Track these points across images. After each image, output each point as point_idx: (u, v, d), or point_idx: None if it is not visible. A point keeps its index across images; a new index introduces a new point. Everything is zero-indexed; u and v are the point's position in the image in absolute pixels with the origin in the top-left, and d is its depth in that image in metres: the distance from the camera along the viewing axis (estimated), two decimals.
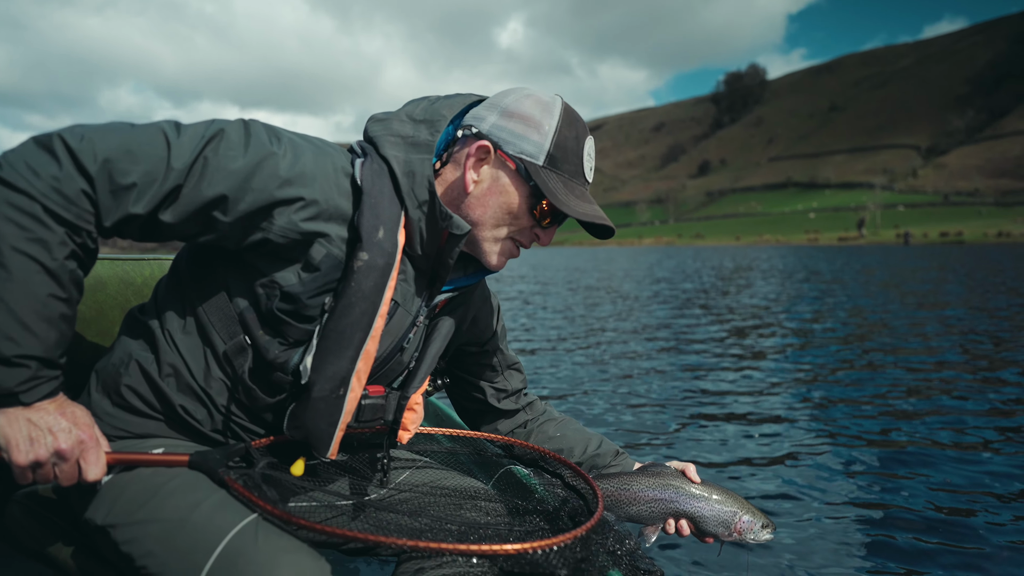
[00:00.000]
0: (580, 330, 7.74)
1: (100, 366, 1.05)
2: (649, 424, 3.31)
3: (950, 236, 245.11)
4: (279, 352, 0.99)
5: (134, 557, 0.87)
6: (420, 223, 1.03)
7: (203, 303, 1.00)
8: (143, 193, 0.86)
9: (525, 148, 1.06)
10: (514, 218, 1.08)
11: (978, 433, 3.30)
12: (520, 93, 1.09)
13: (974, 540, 2.02)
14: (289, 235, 0.93)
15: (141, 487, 0.91)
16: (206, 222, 0.92)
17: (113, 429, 1.01)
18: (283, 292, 0.96)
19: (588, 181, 1.11)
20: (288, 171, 0.93)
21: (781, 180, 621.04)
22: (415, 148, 1.03)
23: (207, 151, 0.89)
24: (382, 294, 0.98)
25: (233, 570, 0.82)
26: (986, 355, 5.79)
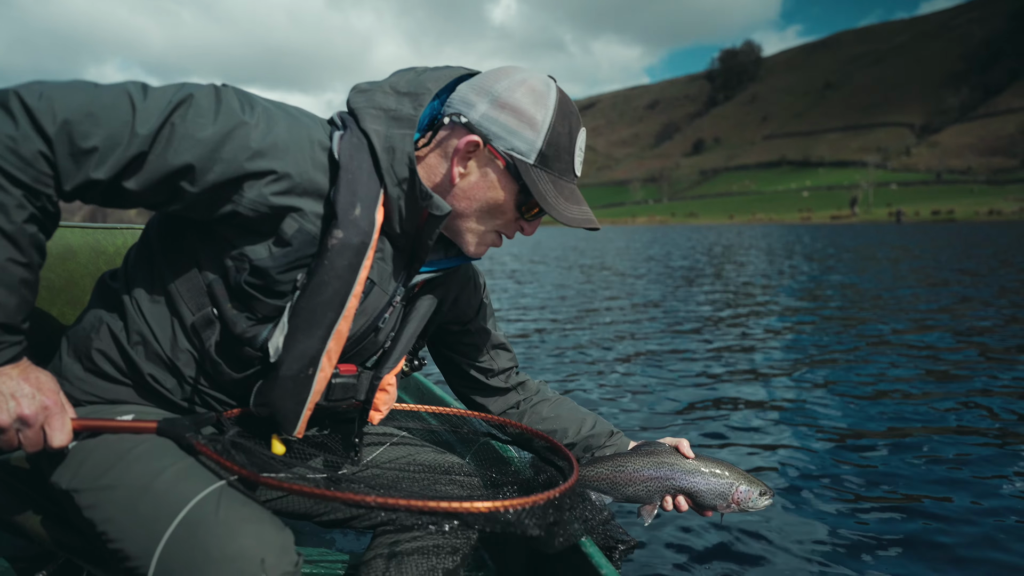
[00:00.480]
0: (573, 308, 7.88)
1: (71, 331, 1.05)
2: (642, 402, 3.32)
3: (941, 214, 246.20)
4: (247, 327, 0.97)
5: (95, 523, 0.87)
6: (400, 201, 1.00)
7: (172, 273, 0.98)
8: (105, 158, 0.82)
9: (516, 145, 1.02)
10: (500, 213, 1.06)
11: (975, 412, 3.29)
12: (513, 79, 1.04)
13: (969, 521, 2.01)
14: (259, 208, 0.90)
15: (106, 452, 0.91)
16: (172, 191, 0.89)
17: (83, 394, 1.01)
18: (252, 266, 0.93)
19: (578, 175, 1.09)
20: (260, 142, 0.89)
21: (775, 158, 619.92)
22: (397, 123, 0.99)
23: (174, 117, 0.85)
24: (356, 273, 0.96)
25: (193, 539, 0.81)
26: (979, 333, 5.87)
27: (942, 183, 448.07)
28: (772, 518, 1.96)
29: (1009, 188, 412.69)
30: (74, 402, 0.98)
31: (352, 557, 1.30)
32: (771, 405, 3.17)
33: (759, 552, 1.71)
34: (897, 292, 9.18)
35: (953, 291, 8.88)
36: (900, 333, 5.66)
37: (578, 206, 1.07)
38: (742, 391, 3.65)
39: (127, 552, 0.83)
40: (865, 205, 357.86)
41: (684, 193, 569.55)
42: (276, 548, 0.83)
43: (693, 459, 1.36)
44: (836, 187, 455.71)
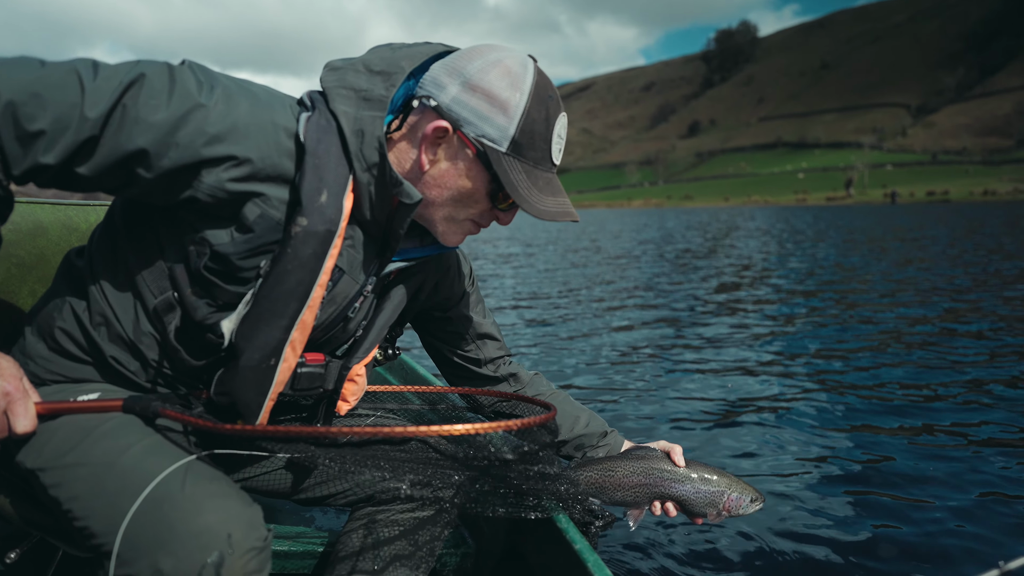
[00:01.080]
0: (567, 293, 8.00)
1: (36, 308, 1.02)
2: (638, 390, 3.28)
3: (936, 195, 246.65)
4: (208, 313, 0.93)
5: (61, 501, 0.86)
6: (370, 187, 0.95)
7: (135, 254, 0.95)
8: (53, 142, 0.78)
9: (487, 132, 0.96)
10: (473, 202, 1.01)
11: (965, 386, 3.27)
12: (487, 59, 0.97)
13: (958, 492, 1.99)
14: (217, 195, 0.86)
15: (71, 430, 0.89)
16: (126, 176, 0.85)
17: (48, 373, 0.99)
18: (213, 251, 0.89)
19: (556, 164, 1.02)
20: (217, 126, 0.84)
21: (771, 140, 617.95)
22: (367, 104, 0.94)
23: (126, 99, 0.80)
24: (322, 263, 0.92)
25: (158, 514, 0.80)
26: (967, 309, 5.89)
27: (937, 164, 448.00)
28: (767, 508, 1.90)
29: (1004, 168, 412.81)
30: (39, 381, 0.97)
31: (330, 534, 1.30)
32: (770, 393, 3.13)
33: (751, 541, 1.67)
34: (889, 274, 9.37)
35: (945, 273, 9.06)
36: (908, 320, 5.54)
37: (554, 197, 1.00)
38: (740, 378, 3.58)
39: (92, 529, 0.82)
40: (860, 186, 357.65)
41: (680, 176, 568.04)
42: (243, 523, 0.82)
43: (684, 467, 1.34)
44: (832, 168, 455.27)
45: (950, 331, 4.73)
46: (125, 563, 0.78)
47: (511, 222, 1.04)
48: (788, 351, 4.28)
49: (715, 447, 2.40)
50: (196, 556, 0.77)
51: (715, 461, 2.23)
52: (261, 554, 0.82)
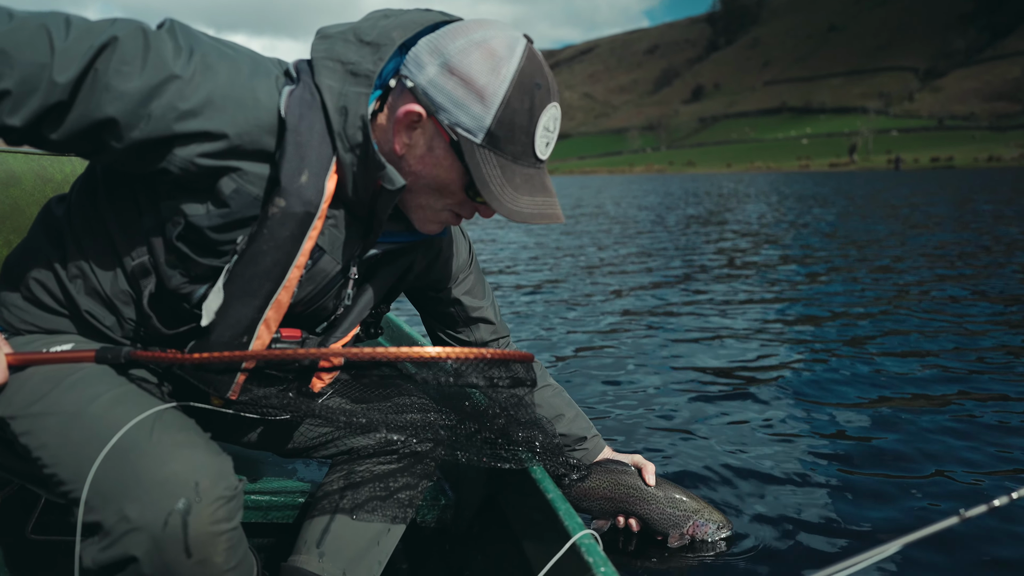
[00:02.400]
0: (567, 261, 8.24)
1: (12, 257, 1.00)
2: (635, 363, 3.21)
3: (940, 161, 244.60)
4: (181, 283, 0.90)
5: (31, 448, 0.86)
6: (353, 168, 0.90)
7: (113, 213, 0.92)
8: (19, 104, 0.75)
9: (462, 120, 0.86)
10: (449, 193, 0.93)
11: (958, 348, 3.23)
12: (471, 38, 0.87)
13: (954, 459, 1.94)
14: (190, 169, 0.82)
15: (41, 379, 0.89)
16: (96, 144, 0.81)
17: (21, 323, 0.97)
18: (187, 222, 0.86)
19: (541, 159, 0.92)
20: (192, 99, 0.79)
21: (776, 105, 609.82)
22: (354, 79, 0.87)
23: (98, 63, 0.75)
24: (299, 245, 0.88)
25: (125, 463, 0.79)
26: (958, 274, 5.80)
27: (944, 129, 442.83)
28: (757, 472, 1.84)
29: (1011, 134, 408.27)
30: (13, 331, 0.97)
31: (312, 486, 1.31)
32: (771, 365, 3.09)
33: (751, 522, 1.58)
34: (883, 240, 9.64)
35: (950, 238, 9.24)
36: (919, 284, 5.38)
37: (531, 196, 0.91)
38: (738, 343, 3.54)
39: (60, 477, 0.83)
40: (864, 152, 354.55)
41: (682, 141, 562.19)
42: (211, 472, 0.80)
43: (653, 486, 1.34)
44: (836, 134, 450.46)
45: (952, 297, 4.58)
46: (92, 510, 0.78)
47: (493, 216, 0.96)
48: (786, 317, 4.25)
49: (709, 414, 2.34)
50: (162, 503, 0.77)
51: (710, 428, 2.18)
52: (230, 503, 0.81)
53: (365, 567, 1.12)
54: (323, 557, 1.10)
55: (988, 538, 1.45)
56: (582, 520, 0.95)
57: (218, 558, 0.81)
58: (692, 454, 1.97)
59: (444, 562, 1.36)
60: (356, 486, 1.14)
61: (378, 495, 1.14)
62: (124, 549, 0.77)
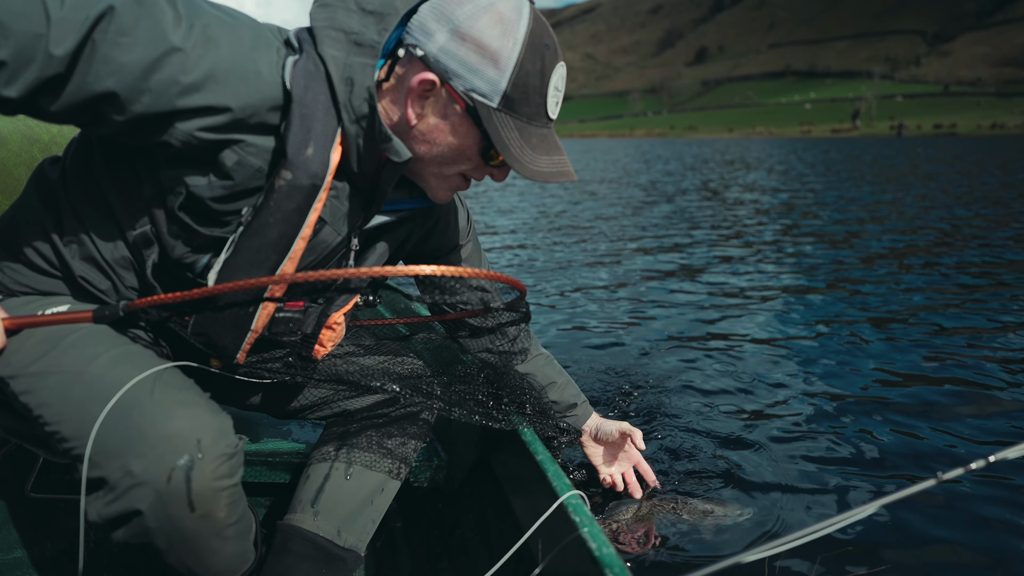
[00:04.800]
0: (563, 228, 8.33)
1: (4, 218, 0.99)
2: (632, 330, 3.15)
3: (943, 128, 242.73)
4: (185, 252, 0.90)
5: (31, 407, 0.87)
6: (358, 139, 0.89)
7: (111, 181, 0.90)
8: (15, 75, 0.73)
9: (477, 85, 0.87)
10: (464, 159, 0.94)
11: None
12: (477, 4, 0.87)
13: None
14: (191, 142, 0.81)
15: (40, 339, 0.90)
16: (95, 117, 0.79)
17: (17, 284, 0.96)
18: (189, 192, 0.85)
19: (552, 119, 0.94)
20: (195, 72, 0.77)
21: (780, 68, 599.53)
22: (358, 49, 0.87)
23: (95, 34, 0.74)
24: (305, 216, 0.89)
25: (127, 420, 0.80)
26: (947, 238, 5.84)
27: (949, 95, 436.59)
28: (773, 452, 1.79)
29: (1016, 101, 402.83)
30: (8, 292, 0.97)
31: (306, 447, 1.34)
32: (772, 337, 3.01)
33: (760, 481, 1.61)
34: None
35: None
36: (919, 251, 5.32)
37: (548, 156, 0.94)
38: (740, 318, 3.43)
39: (63, 434, 0.84)
40: (867, 118, 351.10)
41: (684, 105, 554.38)
42: (213, 430, 0.82)
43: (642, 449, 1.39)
44: (840, 100, 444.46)
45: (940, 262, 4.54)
46: (96, 466, 0.80)
47: (506, 179, 0.97)
48: (781, 282, 4.17)
49: (708, 375, 2.36)
50: (166, 459, 0.79)
51: (694, 388, 2.20)
52: (231, 460, 0.84)
53: (360, 525, 1.14)
54: (318, 516, 1.12)
55: (965, 498, 1.50)
56: (569, 481, 0.98)
57: (220, 513, 0.83)
58: (677, 416, 1.98)
59: (437, 520, 1.38)
60: (350, 447, 1.17)
61: (372, 455, 1.17)
62: (129, 503, 0.79)
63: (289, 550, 1.10)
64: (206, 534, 0.84)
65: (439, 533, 1.36)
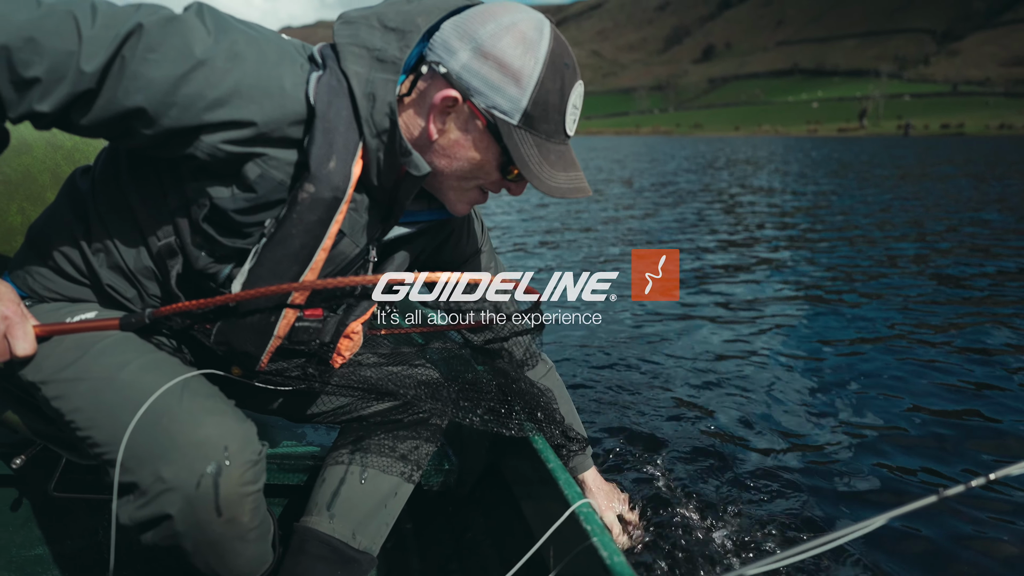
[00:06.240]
0: (573, 228, 8.55)
1: (37, 226, 1.02)
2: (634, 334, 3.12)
3: (951, 128, 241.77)
4: (208, 263, 0.93)
5: (63, 412, 0.89)
6: (379, 153, 0.92)
7: (137, 193, 0.93)
8: (48, 91, 0.76)
9: (498, 103, 0.90)
10: (483, 173, 0.97)
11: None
12: (500, 23, 0.91)
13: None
14: (216, 155, 0.84)
15: (70, 345, 0.92)
16: (124, 130, 0.82)
17: (45, 290, 0.99)
18: (212, 204, 0.88)
19: (569, 135, 0.97)
20: (220, 88, 0.80)
21: (787, 66, 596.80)
22: (380, 65, 0.90)
23: (124, 50, 0.76)
24: (327, 228, 0.91)
25: (158, 428, 0.83)
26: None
27: (957, 95, 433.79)
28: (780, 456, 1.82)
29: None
30: (37, 298, 0.99)
31: (321, 450, 1.37)
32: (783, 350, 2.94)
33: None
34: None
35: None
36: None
37: (565, 172, 0.96)
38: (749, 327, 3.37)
39: (95, 439, 0.86)
40: (874, 118, 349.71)
41: (691, 103, 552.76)
42: (239, 437, 0.85)
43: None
44: (848, 99, 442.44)
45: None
46: (128, 471, 0.82)
47: (522, 192, 1.01)
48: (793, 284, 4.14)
49: (705, 386, 2.35)
50: (196, 465, 0.81)
51: (705, 398, 2.22)
52: (256, 467, 0.87)
53: (373, 528, 1.17)
54: (334, 518, 1.15)
55: (968, 515, 1.50)
56: (580, 490, 0.99)
57: (244, 517, 0.86)
58: (684, 428, 1.98)
59: (447, 523, 1.41)
60: (365, 451, 1.19)
61: (386, 459, 1.20)
62: (159, 508, 0.82)
63: (306, 552, 1.13)
64: (230, 537, 0.87)
65: (450, 536, 1.38)
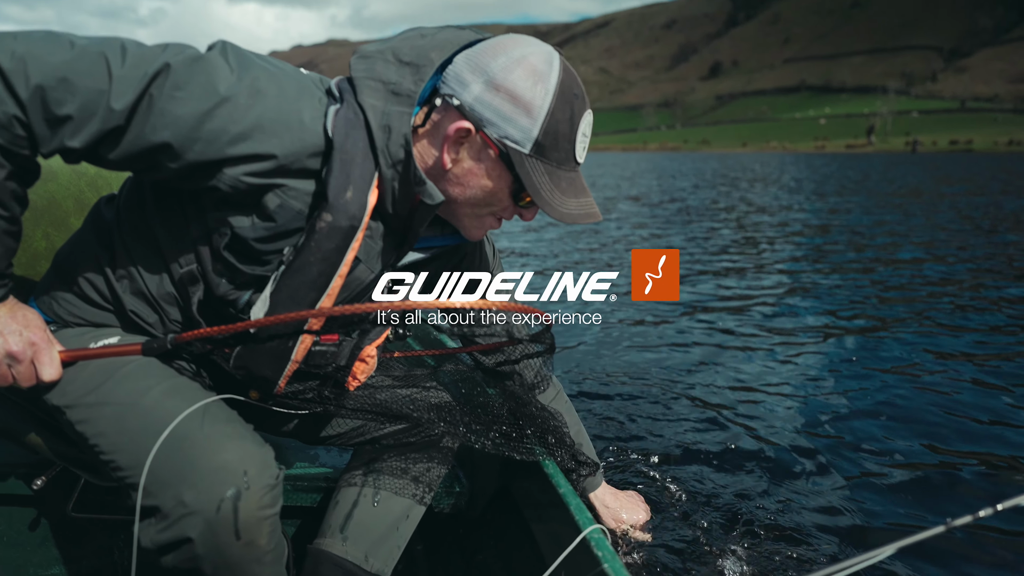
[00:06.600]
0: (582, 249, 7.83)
1: (63, 252, 1.05)
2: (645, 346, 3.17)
3: (959, 144, 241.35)
4: (229, 290, 0.96)
5: (87, 436, 0.91)
6: (393, 183, 0.95)
7: (161, 221, 0.97)
8: (79, 128, 0.81)
9: (510, 133, 0.95)
10: (496, 200, 1.01)
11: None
12: (511, 56, 0.95)
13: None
14: (238, 187, 0.88)
15: (95, 370, 0.94)
16: (151, 164, 0.87)
17: (71, 316, 1.02)
18: (234, 233, 0.92)
19: (579, 162, 1.01)
20: (243, 123, 0.84)
21: (795, 83, 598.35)
22: (395, 98, 0.94)
23: (152, 88, 0.81)
24: (343, 256, 0.94)
25: (180, 452, 0.85)
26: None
27: (966, 111, 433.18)
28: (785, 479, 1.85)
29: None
30: (62, 323, 1.02)
31: (334, 472, 1.38)
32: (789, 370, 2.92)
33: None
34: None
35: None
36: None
37: (576, 198, 1.00)
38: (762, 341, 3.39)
39: (118, 463, 0.88)
40: (882, 134, 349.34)
41: (698, 119, 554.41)
42: (258, 462, 0.88)
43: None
44: (855, 115, 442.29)
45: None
46: (150, 495, 0.84)
47: (534, 217, 1.04)
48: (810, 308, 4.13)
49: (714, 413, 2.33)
50: (216, 490, 0.83)
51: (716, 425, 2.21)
52: (274, 491, 0.89)
53: (386, 550, 1.19)
54: (347, 541, 1.17)
55: (976, 546, 1.50)
56: (592, 515, 0.98)
57: (262, 540, 0.88)
58: (693, 452, 1.99)
59: (458, 546, 1.42)
60: (378, 473, 1.22)
61: (398, 482, 1.21)
62: (181, 531, 0.84)
63: (319, 574, 1.14)
64: (248, 560, 0.88)
65: (460, 559, 1.39)
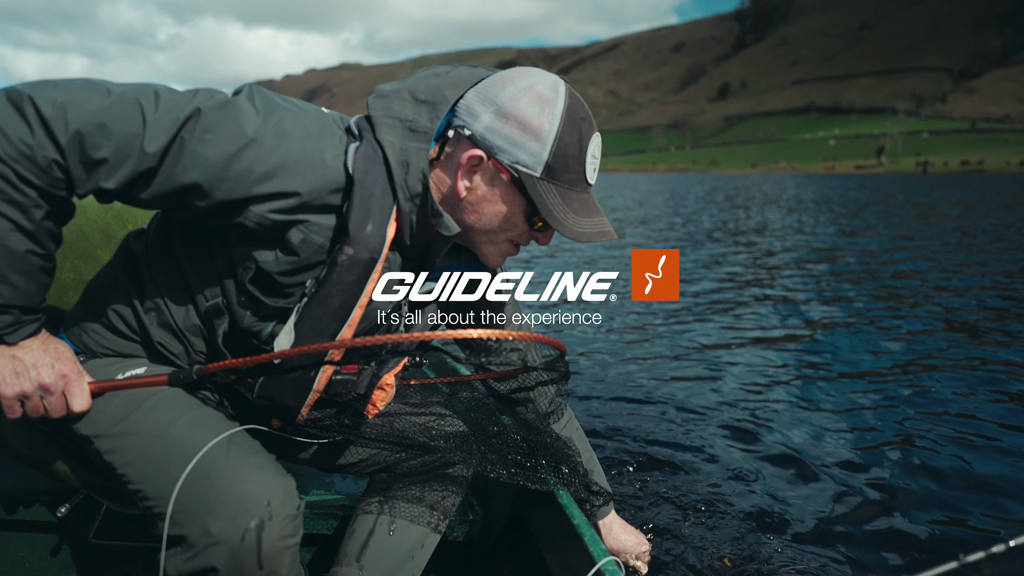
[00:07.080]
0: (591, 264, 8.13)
1: (92, 285, 1.10)
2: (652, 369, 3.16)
3: (971, 165, 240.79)
4: (253, 322, 1.00)
5: (115, 466, 0.94)
6: (411, 215, 1.00)
7: (187, 256, 1.01)
8: (114, 170, 0.85)
9: (521, 158, 0.99)
10: (511, 225, 1.04)
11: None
12: (518, 86, 1.00)
13: None
14: (263, 223, 0.92)
15: (123, 401, 0.98)
16: (180, 203, 0.91)
17: (98, 346, 1.05)
18: (258, 267, 0.95)
19: (590, 183, 1.04)
20: (268, 163, 0.89)
21: (803, 104, 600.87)
22: (413, 135, 0.98)
23: (183, 132, 0.86)
24: (364, 287, 0.98)
25: (206, 482, 0.88)
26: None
27: (976, 132, 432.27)
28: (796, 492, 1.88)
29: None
30: (91, 353, 1.05)
31: (350, 499, 1.39)
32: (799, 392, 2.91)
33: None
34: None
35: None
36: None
37: (590, 218, 1.03)
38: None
39: (145, 493, 0.91)
40: (892, 155, 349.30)
41: (707, 140, 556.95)
42: (281, 492, 0.91)
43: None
44: (865, 136, 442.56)
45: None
46: (177, 524, 0.87)
47: (550, 241, 1.07)
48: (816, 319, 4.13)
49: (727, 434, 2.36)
50: (241, 520, 0.86)
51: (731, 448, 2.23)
52: (295, 520, 0.92)
53: None
54: (363, 570, 1.18)
55: None
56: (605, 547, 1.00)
57: (283, 570, 0.91)
58: (700, 481, 1.98)
59: (471, 574, 1.42)
60: (394, 501, 1.23)
61: (414, 510, 1.22)
62: (206, 561, 0.86)
63: None
64: None
65: None
